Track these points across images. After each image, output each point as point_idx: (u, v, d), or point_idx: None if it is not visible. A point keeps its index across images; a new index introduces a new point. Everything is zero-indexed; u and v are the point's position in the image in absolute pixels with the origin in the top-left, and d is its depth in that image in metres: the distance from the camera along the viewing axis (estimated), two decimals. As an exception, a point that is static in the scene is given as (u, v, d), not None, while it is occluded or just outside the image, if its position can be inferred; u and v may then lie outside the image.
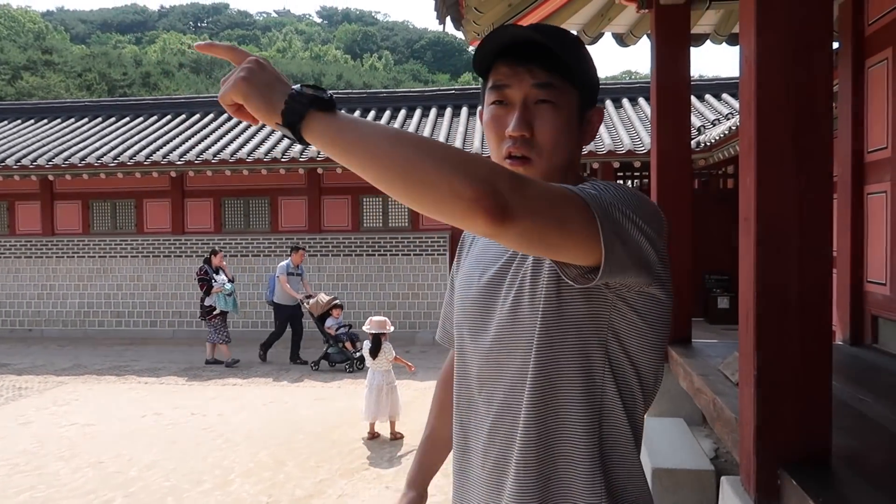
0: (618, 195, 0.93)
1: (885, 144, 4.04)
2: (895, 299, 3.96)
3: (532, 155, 1.04)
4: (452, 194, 0.77)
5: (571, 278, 0.92)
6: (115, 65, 53.74)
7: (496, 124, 1.07)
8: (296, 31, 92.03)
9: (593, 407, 1.03)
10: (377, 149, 0.80)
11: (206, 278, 9.39)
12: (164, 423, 6.52)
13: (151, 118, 13.61)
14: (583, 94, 1.08)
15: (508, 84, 1.05)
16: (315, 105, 0.83)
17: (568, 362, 1.02)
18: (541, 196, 0.83)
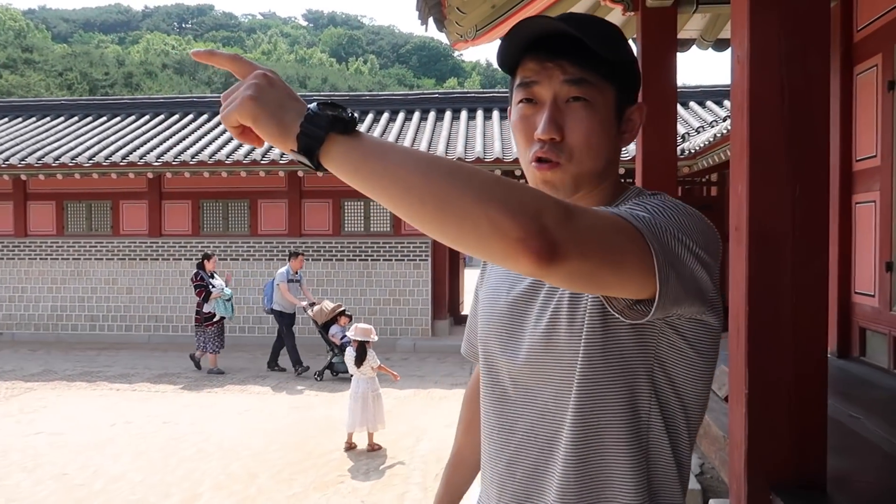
0: (673, 217, 0.84)
1: (874, 153, 3.96)
2: (884, 311, 3.88)
3: (562, 159, 0.94)
4: (495, 232, 0.68)
5: (619, 311, 0.83)
6: (97, 64, 53.19)
7: (524, 125, 0.97)
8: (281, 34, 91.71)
9: (640, 445, 0.94)
10: (408, 180, 0.71)
11: (204, 284, 9.11)
12: (134, 432, 6.31)
13: (129, 118, 13.34)
14: (621, 90, 0.97)
15: (537, 80, 0.95)
16: (336, 127, 0.73)
17: (613, 396, 0.93)
18: (592, 229, 0.74)
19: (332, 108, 0.74)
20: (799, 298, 2.01)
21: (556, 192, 0.96)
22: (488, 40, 5.86)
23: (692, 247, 0.83)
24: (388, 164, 0.72)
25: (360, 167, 0.73)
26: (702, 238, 0.85)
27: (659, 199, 0.89)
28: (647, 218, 0.81)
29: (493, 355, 1.06)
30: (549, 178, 0.95)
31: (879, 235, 3.92)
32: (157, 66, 59.33)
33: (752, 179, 2.05)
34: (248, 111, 0.73)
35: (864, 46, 4.04)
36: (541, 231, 0.68)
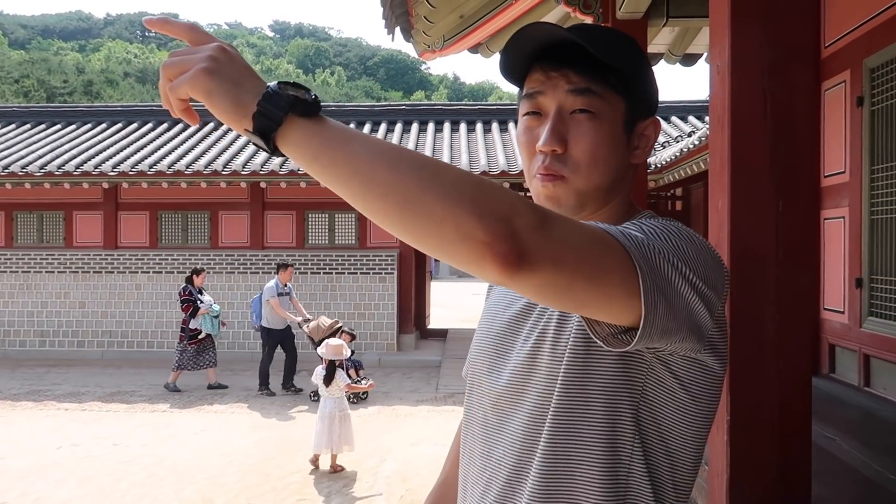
0: (671, 241, 0.76)
1: (842, 169, 3.94)
2: (853, 328, 3.84)
3: (566, 172, 0.89)
4: (460, 234, 0.63)
5: (601, 338, 0.76)
6: (56, 71, 51.97)
7: (527, 137, 0.92)
8: (247, 44, 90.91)
9: (616, 490, 0.84)
10: (371, 171, 0.65)
11: (192, 300, 8.71)
12: (82, 455, 5.98)
13: (85, 126, 12.91)
14: (631, 102, 0.91)
15: (541, 91, 0.90)
16: (296, 109, 0.66)
17: (589, 431, 0.85)
18: (569, 239, 0.68)
19: (294, 88, 0.67)
20: (783, 318, 1.91)
21: (558, 208, 0.90)
22: (456, 51, 5.76)
23: (690, 276, 0.75)
24: (351, 153, 0.66)
25: (319, 154, 0.67)
26: (703, 268, 0.77)
27: (661, 222, 0.81)
28: (640, 238, 0.74)
29: (480, 376, 0.99)
30: (552, 194, 0.90)
31: (848, 252, 3.89)
32: (119, 75, 58.28)
33: (734, 194, 1.95)
34: (201, 85, 0.66)
35: (833, 62, 4.04)
36: (510, 235, 0.63)
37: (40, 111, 13.69)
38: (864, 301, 3.75)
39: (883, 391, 3.58)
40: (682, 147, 8.33)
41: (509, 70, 0.94)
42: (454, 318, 15.31)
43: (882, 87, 3.57)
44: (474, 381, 1.01)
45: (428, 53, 5.86)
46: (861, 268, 3.76)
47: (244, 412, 7.58)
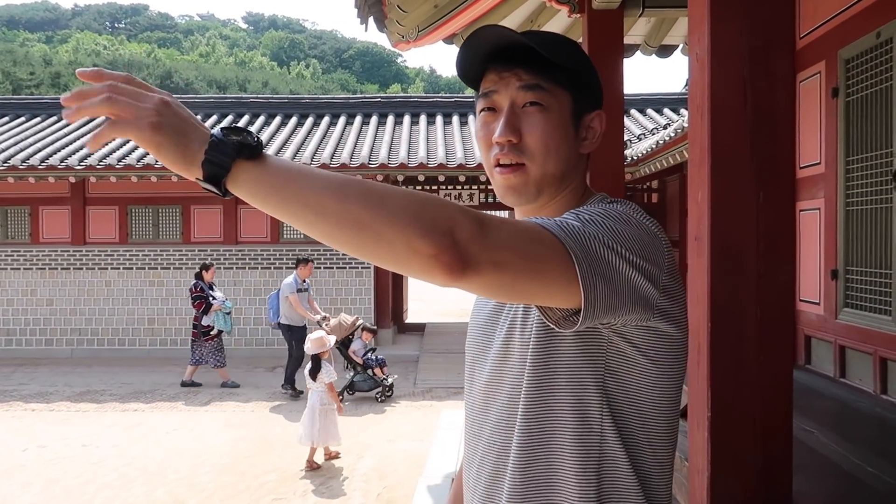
0: (605, 225, 0.84)
1: (817, 160, 3.94)
2: (829, 319, 3.85)
3: (524, 160, 0.97)
4: (409, 250, 0.72)
5: (554, 322, 0.85)
6: (22, 63, 50.79)
7: (484, 131, 1.01)
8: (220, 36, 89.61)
9: (590, 457, 0.92)
10: (321, 204, 0.72)
11: (204, 296, 8.52)
12: (48, 457, 5.81)
13: (51, 119, 12.56)
14: (577, 97, 1.01)
15: (496, 90, 1.00)
16: (242, 153, 0.73)
17: (560, 406, 0.94)
18: (507, 242, 0.76)
19: (236, 133, 0.73)
20: (764, 313, 1.87)
21: (519, 196, 0.99)
22: (431, 41, 5.67)
23: (626, 254, 0.83)
24: (300, 189, 0.72)
25: (270, 194, 0.73)
26: (639, 245, 0.85)
27: (601, 207, 0.89)
28: (576, 226, 0.81)
29: (472, 366, 1.09)
30: (512, 183, 0.98)
31: (824, 243, 3.89)
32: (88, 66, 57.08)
33: (714, 186, 1.91)
34: (150, 139, 0.72)
35: (808, 53, 4.03)
36: (452, 247, 0.71)
37: (3, 103, 13.28)
38: (839, 292, 3.75)
39: (859, 382, 3.59)
40: (657, 139, 8.33)
41: (465, 72, 1.02)
42: (432, 312, 15.25)
43: (857, 77, 3.56)
44: (468, 371, 1.10)
45: (402, 44, 5.75)
46: (836, 259, 3.76)
47: (218, 411, 7.45)
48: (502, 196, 1.01)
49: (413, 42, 5.68)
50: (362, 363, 7.91)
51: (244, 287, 10.87)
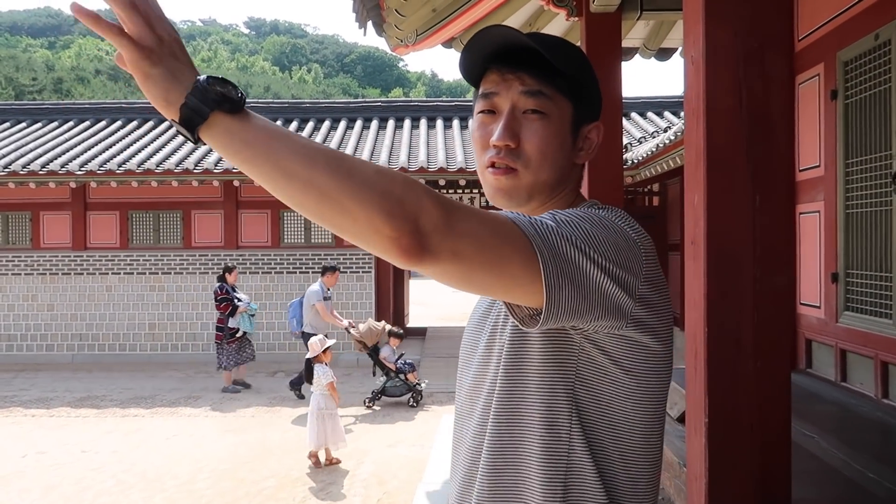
0: (581, 228, 0.82)
1: (817, 163, 3.91)
2: (830, 322, 3.82)
3: (518, 166, 0.96)
4: (370, 228, 0.71)
5: (519, 319, 0.85)
6: (24, 69, 50.92)
7: (481, 132, 0.99)
8: (222, 41, 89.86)
9: (557, 467, 0.90)
10: (290, 168, 0.71)
11: (229, 298, 8.51)
12: (48, 463, 5.79)
13: (52, 124, 12.58)
14: (578, 107, 0.99)
15: (497, 92, 0.98)
16: (222, 106, 0.72)
17: (529, 412, 0.92)
18: (470, 233, 0.75)
19: (222, 84, 0.72)
20: (761, 316, 1.85)
21: (509, 200, 0.98)
22: (429, 45, 5.66)
23: (598, 259, 0.81)
24: (272, 149, 0.71)
25: (241, 149, 0.72)
26: (614, 251, 0.83)
27: (580, 211, 0.87)
28: (549, 226, 0.80)
29: (461, 368, 1.09)
30: (503, 185, 0.97)
31: (824, 246, 3.87)
32: (90, 72, 57.30)
33: (710, 189, 1.89)
34: (142, 68, 0.72)
35: (806, 55, 4.01)
36: (413, 232, 0.71)
37: (5, 108, 13.31)
38: (839, 296, 3.73)
39: (860, 386, 3.56)
40: (658, 142, 8.31)
41: (467, 70, 1.00)
42: (433, 316, 15.23)
43: (856, 80, 3.55)
44: (458, 375, 1.10)
45: (401, 48, 5.75)
46: (837, 262, 3.74)
47: (217, 416, 7.43)
48: (492, 197, 0.99)
49: (412, 46, 5.67)
50: (395, 368, 7.87)
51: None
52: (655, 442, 0.95)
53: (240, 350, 8.64)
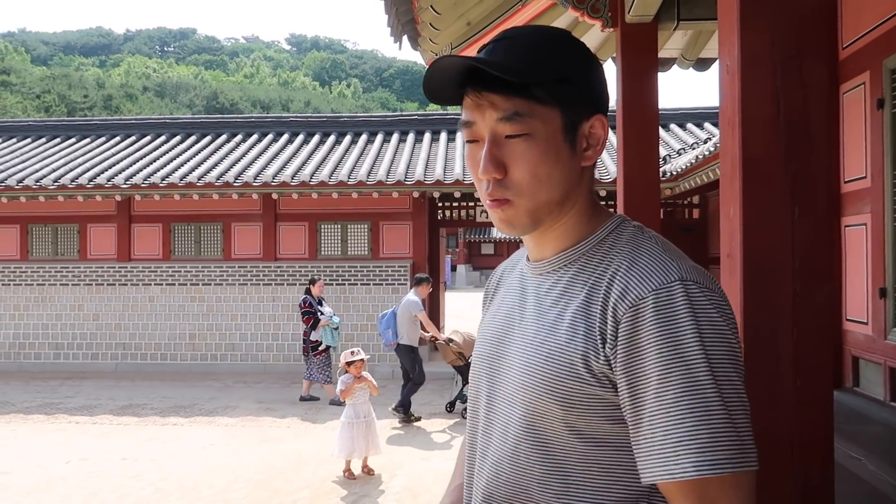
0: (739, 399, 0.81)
1: (863, 174, 3.79)
2: (878, 339, 3.68)
3: (510, 195, 0.89)
4: None
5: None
6: (76, 87, 52.87)
7: (471, 164, 0.93)
8: (264, 58, 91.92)
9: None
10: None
11: (312, 311, 8.63)
12: (89, 470, 5.93)
13: (99, 139, 13.01)
14: (567, 108, 0.89)
15: (473, 121, 0.91)
16: None
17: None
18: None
19: None
20: (801, 332, 1.78)
21: (513, 229, 0.92)
22: (464, 58, 5.67)
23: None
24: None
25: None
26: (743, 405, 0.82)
27: (729, 356, 0.81)
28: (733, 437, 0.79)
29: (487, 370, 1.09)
30: (503, 217, 0.92)
31: (871, 260, 3.73)
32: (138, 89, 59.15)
33: (746, 201, 1.83)
34: None
35: (851, 64, 3.89)
36: None
37: (56, 125, 13.81)
38: (888, 311, 3.58)
39: (910, 406, 3.41)
40: (697, 154, 8.17)
41: (438, 99, 0.94)
42: (468, 329, 15.15)
43: (904, 88, 3.43)
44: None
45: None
46: (885, 277, 3.60)
47: (254, 426, 7.51)
48: (499, 227, 0.94)
49: (447, 60, 5.69)
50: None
51: (282, 303, 10.99)
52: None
53: (327, 365, 8.68)
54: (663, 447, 0.78)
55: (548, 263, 0.97)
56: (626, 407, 0.83)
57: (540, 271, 0.98)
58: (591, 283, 0.90)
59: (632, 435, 0.83)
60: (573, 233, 0.94)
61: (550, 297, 0.94)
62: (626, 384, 0.82)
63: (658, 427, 0.79)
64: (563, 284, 0.93)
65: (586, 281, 0.90)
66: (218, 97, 58.46)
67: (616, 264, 0.89)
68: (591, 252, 0.93)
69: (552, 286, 0.94)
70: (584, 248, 0.94)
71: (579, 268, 0.93)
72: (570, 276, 0.93)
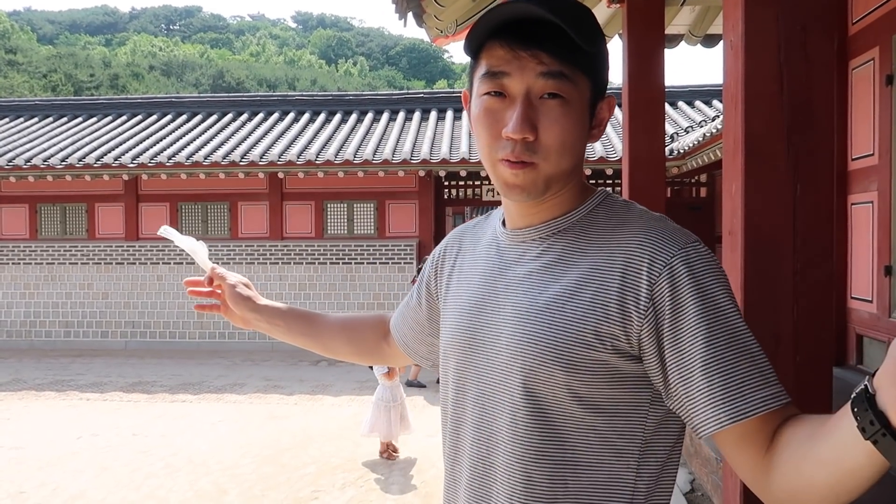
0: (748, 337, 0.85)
1: (871, 151, 3.76)
2: (882, 317, 3.68)
3: (537, 159, 0.87)
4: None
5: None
6: (83, 66, 52.69)
7: (490, 120, 0.88)
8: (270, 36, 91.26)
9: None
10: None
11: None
12: (101, 445, 6.02)
13: (106, 118, 13.00)
14: (595, 84, 0.90)
15: (507, 72, 0.86)
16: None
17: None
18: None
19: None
20: (801, 310, 1.79)
21: (527, 195, 0.90)
22: (469, 36, 5.63)
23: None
24: None
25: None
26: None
27: (727, 305, 0.84)
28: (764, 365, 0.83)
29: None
30: (520, 181, 0.88)
31: (877, 238, 3.72)
32: (144, 68, 58.92)
33: (748, 178, 1.83)
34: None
35: (860, 39, 3.85)
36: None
37: (62, 104, 13.81)
38: (893, 289, 3.58)
39: (913, 384, 3.42)
40: (704, 131, 8.11)
41: (470, 44, 0.89)
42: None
43: (913, 64, 3.39)
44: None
45: (441, 39, 5.73)
46: (891, 255, 3.59)
47: (262, 403, 7.59)
48: (505, 193, 0.91)
49: (451, 37, 5.64)
50: None
51: (289, 282, 11.05)
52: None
53: None
54: (726, 394, 0.80)
55: (535, 230, 0.95)
56: (671, 367, 0.84)
57: (523, 238, 0.96)
58: (597, 252, 0.89)
59: (681, 393, 0.83)
60: (566, 203, 0.94)
61: (542, 264, 0.92)
62: (671, 345, 0.83)
63: (715, 377, 0.80)
64: (558, 252, 0.92)
65: (586, 250, 0.90)
66: (224, 76, 58.19)
67: (623, 234, 0.89)
68: (583, 222, 0.93)
69: (543, 253, 0.93)
70: (573, 217, 0.94)
71: (574, 236, 0.92)
72: (564, 244, 0.92)
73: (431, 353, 1.22)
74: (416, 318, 1.21)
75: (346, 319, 1.35)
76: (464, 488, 0.97)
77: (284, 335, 1.31)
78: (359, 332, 1.33)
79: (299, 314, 1.33)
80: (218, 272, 1.35)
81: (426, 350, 1.22)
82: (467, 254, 1.07)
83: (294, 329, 1.30)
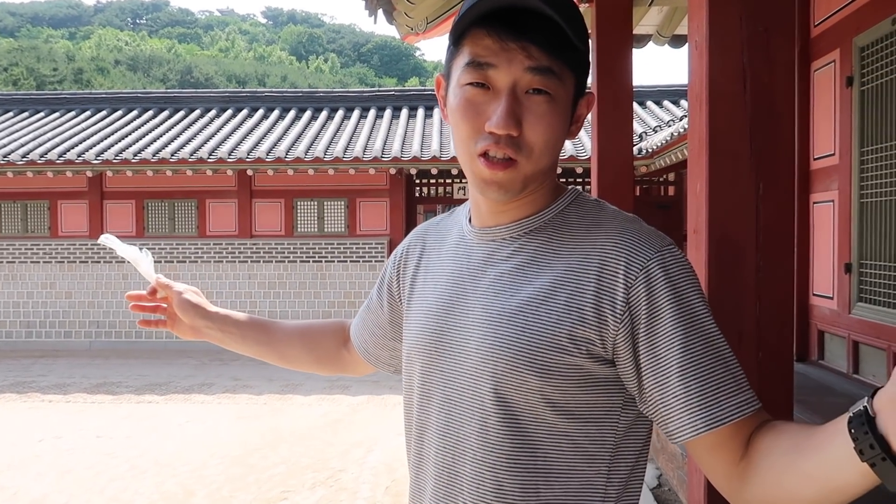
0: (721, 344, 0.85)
1: (832, 151, 3.85)
2: (842, 314, 3.77)
3: (519, 157, 0.84)
4: None
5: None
6: (45, 59, 51.43)
7: (472, 112, 0.84)
8: (239, 31, 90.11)
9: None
10: None
11: None
12: (63, 447, 5.89)
13: (69, 114, 12.70)
14: (580, 80, 0.88)
15: (493, 64, 0.82)
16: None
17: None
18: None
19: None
20: (763, 307, 1.82)
21: (504, 193, 0.86)
22: (440, 33, 5.62)
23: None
24: None
25: None
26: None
27: (699, 307, 0.83)
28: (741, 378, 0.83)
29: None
30: (499, 179, 0.85)
31: (838, 236, 3.81)
32: (110, 63, 57.74)
33: (712, 177, 1.85)
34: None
35: (822, 41, 3.93)
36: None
37: (24, 98, 13.45)
38: (853, 286, 3.67)
39: (872, 378, 3.51)
40: (672, 131, 8.22)
41: (455, 31, 0.85)
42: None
43: (872, 66, 3.47)
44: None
45: (411, 36, 5.71)
46: (850, 252, 3.68)
47: (230, 403, 7.50)
48: (482, 189, 0.87)
49: (422, 34, 5.63)
50: None
51: (259, 280, 10.93)
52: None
53: None
54: (702, 401, 0.79)
55: (506, 229, 0.92)
56: (646, 371, 0.82)
57: (493, 237, 0.93)
58: (571, 254, 0.87)
59: (656, 399, 0.82)
60: (538, 202, 0.91)
61: (513, 265, 0.90)
62: (646, 349, 0.82)
63: (691, 384, 0.79)
64: (530, 253, 0.89)
65: (559, 251, 0.88)
66: (192, 71, 57.30)
67: (598, 236, 0.87)
68: (555, 221, 0.91)
69: (514, 253, 0.90)
70: (545, 216, 0.91)
71: (547, 237, 0.90)
72: (536, 244, 0.90)
73: (393, 359, 1.16)
74: (376, 321, 1.16)
75: (304, 326, 1.29)
76: (429, 498, 0.94)
77: (238, 344, 1.25)
78: (317, 339, 1.27)
79: (253, 321, 1.27)
80: (163, 282, 1.26)
81: (388, 355, 1.17)
82: (432, 253, 1.03)
83: (249, 337, 1.24)
